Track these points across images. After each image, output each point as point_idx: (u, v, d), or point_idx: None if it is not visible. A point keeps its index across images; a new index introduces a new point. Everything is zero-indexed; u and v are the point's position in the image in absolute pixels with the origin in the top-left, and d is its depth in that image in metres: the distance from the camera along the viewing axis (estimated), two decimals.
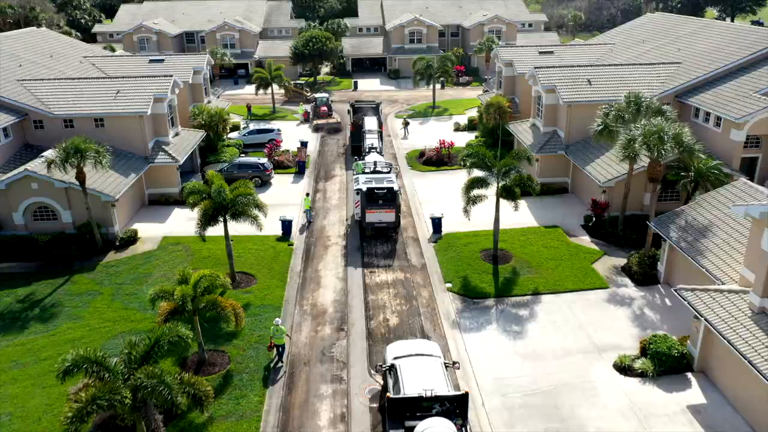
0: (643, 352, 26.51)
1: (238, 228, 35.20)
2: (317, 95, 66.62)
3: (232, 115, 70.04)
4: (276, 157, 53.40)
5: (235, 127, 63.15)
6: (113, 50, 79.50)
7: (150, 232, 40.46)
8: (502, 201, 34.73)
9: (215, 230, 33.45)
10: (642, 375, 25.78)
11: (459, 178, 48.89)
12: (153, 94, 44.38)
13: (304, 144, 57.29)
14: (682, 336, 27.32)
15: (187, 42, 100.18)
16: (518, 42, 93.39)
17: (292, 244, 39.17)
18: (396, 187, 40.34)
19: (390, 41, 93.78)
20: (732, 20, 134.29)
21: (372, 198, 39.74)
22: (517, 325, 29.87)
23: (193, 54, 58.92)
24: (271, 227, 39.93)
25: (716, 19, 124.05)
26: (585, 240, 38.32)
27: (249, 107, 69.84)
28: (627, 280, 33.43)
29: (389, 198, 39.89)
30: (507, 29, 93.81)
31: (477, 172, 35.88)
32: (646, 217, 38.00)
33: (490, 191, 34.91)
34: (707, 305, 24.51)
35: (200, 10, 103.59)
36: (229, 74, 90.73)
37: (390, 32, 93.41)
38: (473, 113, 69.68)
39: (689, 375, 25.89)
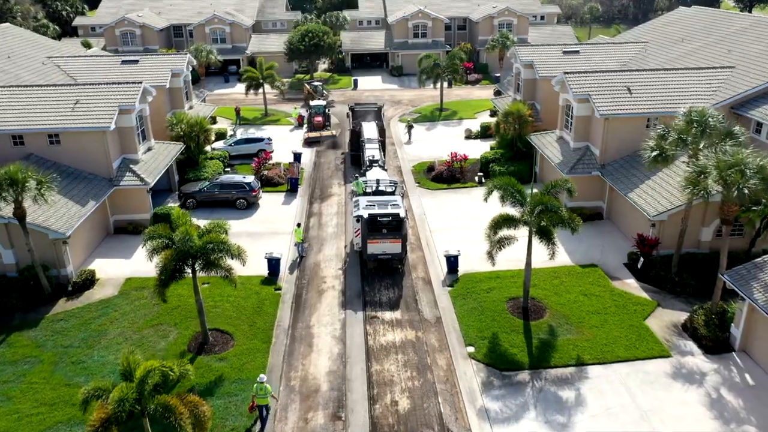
0: None
1: None
2: (313, 103, 59.36)
3: (220, 119, 63.78)
4: (265, 172, 46.88)
5: (222, 135, 56.55)
6: (88, 47, 72.79)
7: (111, 271, 34.06)
8: (535, 241, 28.32)
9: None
10: None
11: (474, 198, 42.72)
12: (118, 104, 37.83)
13: (297, 157, 50.72)
14: None
15: (175, 36, 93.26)
16: (530, 36, 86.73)
17: (279, 289, 32.76)
18: (402, 214, 34.01)
19: (392, 35, 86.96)
20: (750, 12, 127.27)
21: (375, 226, 33.48)
22: (561, 414, 23.48)
23: (171, 54, 52.33)
24: (256, 265, 33.74)
25: (733, 10, 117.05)
26: (631, 285, 31.89)
27: (238, 111, 63.18)
28: (692, 345, 27.01)
29: (395, 226, 33.63)
30: (518, 22, 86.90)
31: (493, 195, 29.36)
32: (706, 257, 31.70)
33: (521, 231, 28.43)
34: None
35: (188, 1, 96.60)
36: (219, 71, 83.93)
37: (392, 26, 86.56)
38: (485, 117, 63.35)
39: None
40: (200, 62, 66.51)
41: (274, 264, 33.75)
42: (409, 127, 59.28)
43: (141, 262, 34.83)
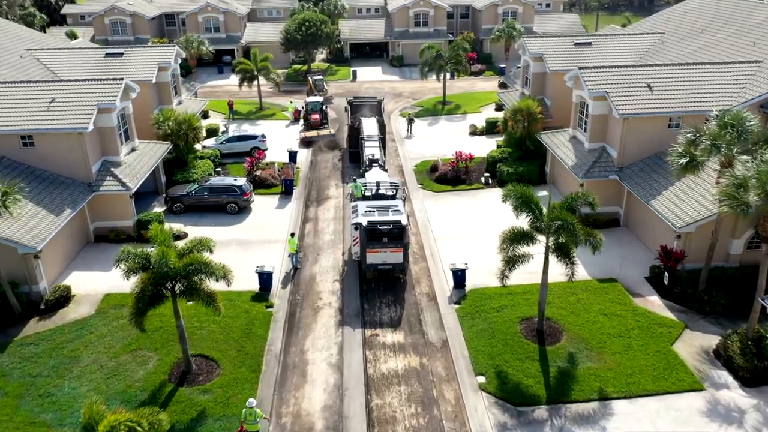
0: None
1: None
2: (309, 100, 55.89)
3: (213, 113, 60.86)
4: (258, 173, 44.07)
5: (214, 131, 53.65)
6: (74, 37, 69.60)
7: (89, 285, 31.35)
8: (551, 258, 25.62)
9: None
10: None
11: (481, 201, 40.01)
12: (97, 103, 34.95)
13: (292, 157, 47.93)
14: None
15: (167, 25, 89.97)
16: (535, 25, 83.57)
17: (271, 306, 30.08)
18: (404, 221, 31.34)
19: (393, 24, 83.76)
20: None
21: (374, 235, 30.91)
22: None
23: (158, 46, 49.34)
24: (247, 279, 31.14)
25: None
26: (654, 302, 29.23)
27: (231, 105, 60.21)
28: (727, 376, 24.38)
29: (396, 235, 31.02)
30: (523, 10, 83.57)
31: (504, 203, 26.64)
32: (736, 273, 29.04)
33: (537, 247, 25.70)
34: None
35: None
36: (212, 62, 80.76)
37: (392, 14, 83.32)
38: (490, 111, 60.48)
39: None
40: (191, 54, 63.46)
41: (265, 278, 31.07)
42: (410, 121, 56.49)
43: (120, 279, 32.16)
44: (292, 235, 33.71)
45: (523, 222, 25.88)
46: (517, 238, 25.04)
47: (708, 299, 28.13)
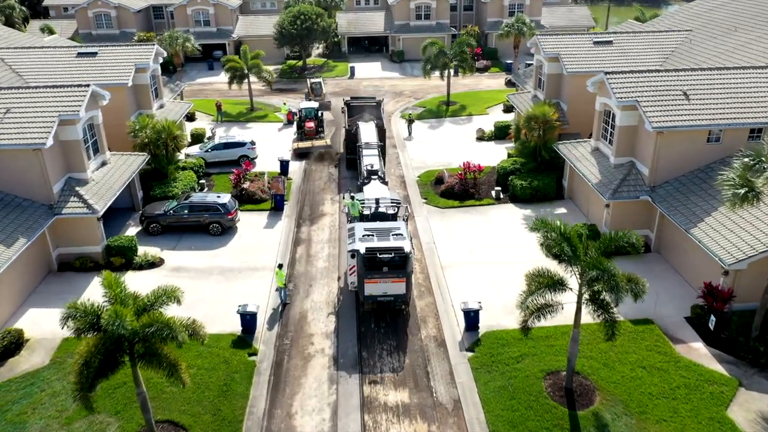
0: None
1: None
2: (303, 105, 51.03)
3: (200, 115, 56.65)
4: (245, 185, 39.86)
5: (199, 137, 49.39)
6: (50, 32, 65.04)
7: (47, 327, 27.21)
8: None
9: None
10: None
11: (492, 220, 36.02)
12: (58, 114, 30.72)
13: (284, 166, 43.67)
14: None
15: (155, 18, 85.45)
16: (543, 18, 79.06)
17: (255, 354, 26.01)
18: (408, 248, 27.30)
19: (393, 17, 79.23)
20: None
21: (373, 263, 26.81)
22: None
23: (136, 45, 44.88)
24: (228, 318, 27.51)
25: None
26: (699, 351, 25.18)
27: (219, 106, 55.90)
28: None
29: (398, 263, 26.91)
30: (531, 2, 79.01)
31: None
32: None
33: (567, 295, 21.60)
34: None
35: None
36: (202, 57, 76.37)
37: (392, 6, 78.78)
38: (498, 112, 56.45)
39: None
40: (175, 51, 58.93)
41: (248, 320, 26.98)
42: (410, 122, 52.45)
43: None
44: (280, 266, 29.54)
45: (545, 256, 21.75)
46: (544, 285, 20.87)
47: (764, 350, 24.06)
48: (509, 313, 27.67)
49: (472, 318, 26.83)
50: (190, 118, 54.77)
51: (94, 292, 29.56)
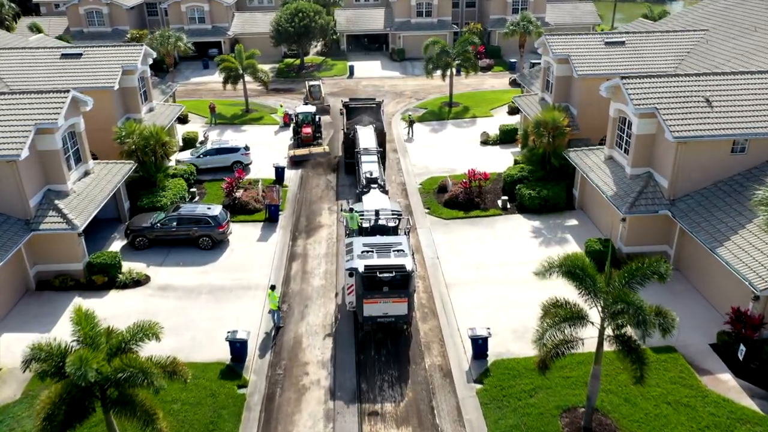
0: None
1: (161, 349, 19.65)
2: (299, 110, 48.43)
3: (193, 117, 54.49)
4: (238, 194, 37.77)
5: (192, 141, 47.28)
6: (38, 30, 62.80)
7: (21, 353, 25.03)
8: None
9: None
10: None
11: (499, 233, 34.15)
12: (35, 123, 28.61)
13: (280, 173, 41.61)
14: None
15: (149, 15, 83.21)
16: (548, 14, 76.74)
17: (245, 386, 23.97)
18: (410, 266, 25.30)
19: (393, 14, 76.97)
20: None
21: (373, 283, 24.84)
22: None
23: (124, 45, 42.61)
24: (217, 344, 25.61)
25: None
26: (728, 383, 23.15)
27: (213, 108, 53.73)
28: None
29: (399, 282, 24.95)
30: (535, 0, 76.73)
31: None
32: None
33: (586, 329, 19.54)
34: None
35: None
36: (197, 55, 74.12)
37: (393, 3, 76.50)
38: (502, 114, 54.44)
39: None
40: (167, 50, 56.71)
41: (238, 347, 24.93)
42: (410, 123, 50.56)
43: (67, 335, 26.02)
44: (273, 288, 27.43)
45: (564, 287, 19.71)
46: (562, 319, 18.80)
47: None
48: (519, 338, 25.72)
49: (480, 346, 24.79)
50: (183, 120, 52.63)
51: (69, 316, 27.61)
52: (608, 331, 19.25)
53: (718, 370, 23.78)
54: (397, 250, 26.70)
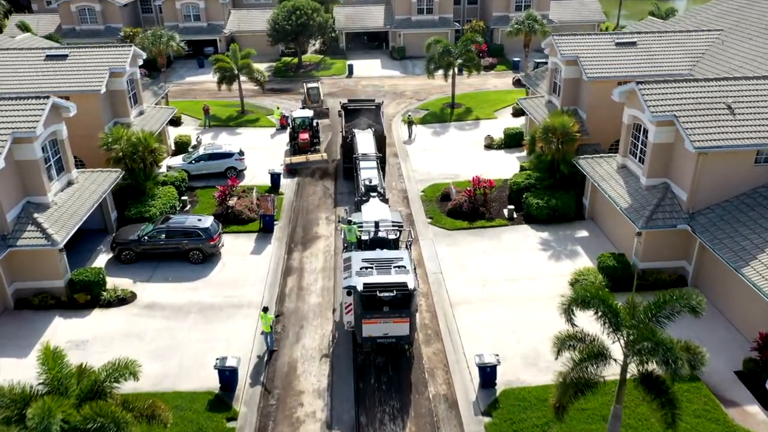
0: None
1: (146, 376, 17.81)
2: (296, 114, 46.20)
3: (187, 119, 52.71)
4: (231, 202, 35.99)
5: (185, 145, 45.47)
6: (25, 30, 60.83)
7: None
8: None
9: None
10: None
11: (506, 246, 32.61)
12: (12, 131, 26.80)
13: (275, 180, 39.80)
14: None
15: (143, 12, 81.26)
16: (552, 11, 74.78)
17: (234, 418, 22.21)
18: (412, 284, 23.61)
19: (393, 11, 75.06)
20: None
21: (372, 302, 23.16)
22: None
23: (112, 46, 40.63)
24: (205, 370, 23.89)
25: None
26: (757, 416, 21.44)
27: (207, 110, 51.86)
28: None
29: (401, 302, 23.20)
30: None
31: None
32: None
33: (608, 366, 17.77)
34: None
35: None
36: (192, 54, 72.19)
37: (393, 0, 74.58)
38: (506, 116, 52.62)
39: None
40: (159, 50, 54.79)
41: (228, 376, 23.17)
42: (410, 123, 49.05)
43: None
44: (265, 309, 25.60)
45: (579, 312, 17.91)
46: (582, 358, 17.01)
47: None
48: (530, 365, 24.02)
49: (488, 374, 23.03)
50: (176, 122, 50.82)
51: (55, 334, 26.12)
52: (631, 366, 17.49)
53: (745, 402, 22.04)
54: (399, 266, 25.02)
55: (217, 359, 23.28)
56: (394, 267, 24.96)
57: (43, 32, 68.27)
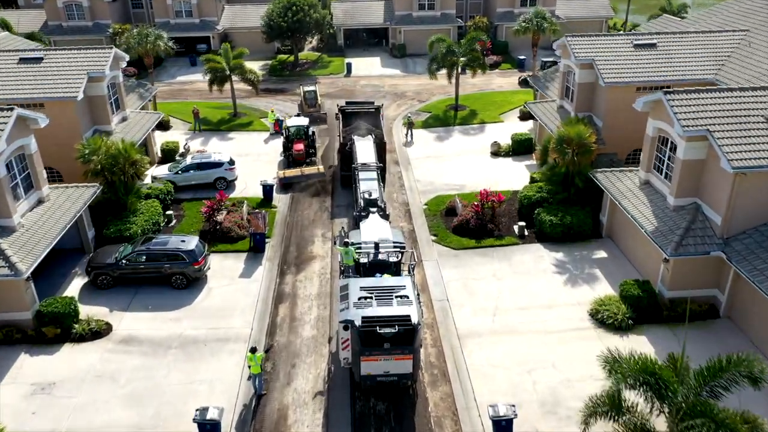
0: None
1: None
2: (291, 122, 42.82)
3: (176, 122, 49.95)
4: (219, 218, 33.25)
5: (172, 153, 42.68)
6: (5, 28, 57.91)
7: None
8: None
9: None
10: None
11: (518, 268, 30.02)
12: None
13: (268, 192, 37.10)
14: None
15: (133, 7, 78.07)
16: (558, 8, 71.76)
17: None
18: (415, 317, 21.15)
19: (393, 7, 72.06)
20: None
21: (372, 338, 20.84)
22: None
23: (91, 48, 37.50)
24: (185, 420, 21.24)
25: None
26: None
27: (197, 114, 49.02)
28: None
29: (403, 337, 20.71)
30: None
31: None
32: None
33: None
34: None
35: None
36: (184, 51, 69.22)
37: None
38: (513, 120, 49.94)
39: None
40: (146, 50, 51.88)
41: (209, 429, 20.47)
42: (409, 125, 46.53)
43: (10, 407, 21.67)
44: (253, 350, 22.89)
45: (599, 339, 15.23)
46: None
47: None
48: (549, 413, 21.42)
49: (503, 428, 20.36)
50: (164, 126, 48.04)
51: (19, 374, 23.47)
52: None
53: None
54: (401, 296, 22.47)
55: (197, 410, 20.60)
56: (396, 297, 22.47)
57: (27, 30, 65.29)
